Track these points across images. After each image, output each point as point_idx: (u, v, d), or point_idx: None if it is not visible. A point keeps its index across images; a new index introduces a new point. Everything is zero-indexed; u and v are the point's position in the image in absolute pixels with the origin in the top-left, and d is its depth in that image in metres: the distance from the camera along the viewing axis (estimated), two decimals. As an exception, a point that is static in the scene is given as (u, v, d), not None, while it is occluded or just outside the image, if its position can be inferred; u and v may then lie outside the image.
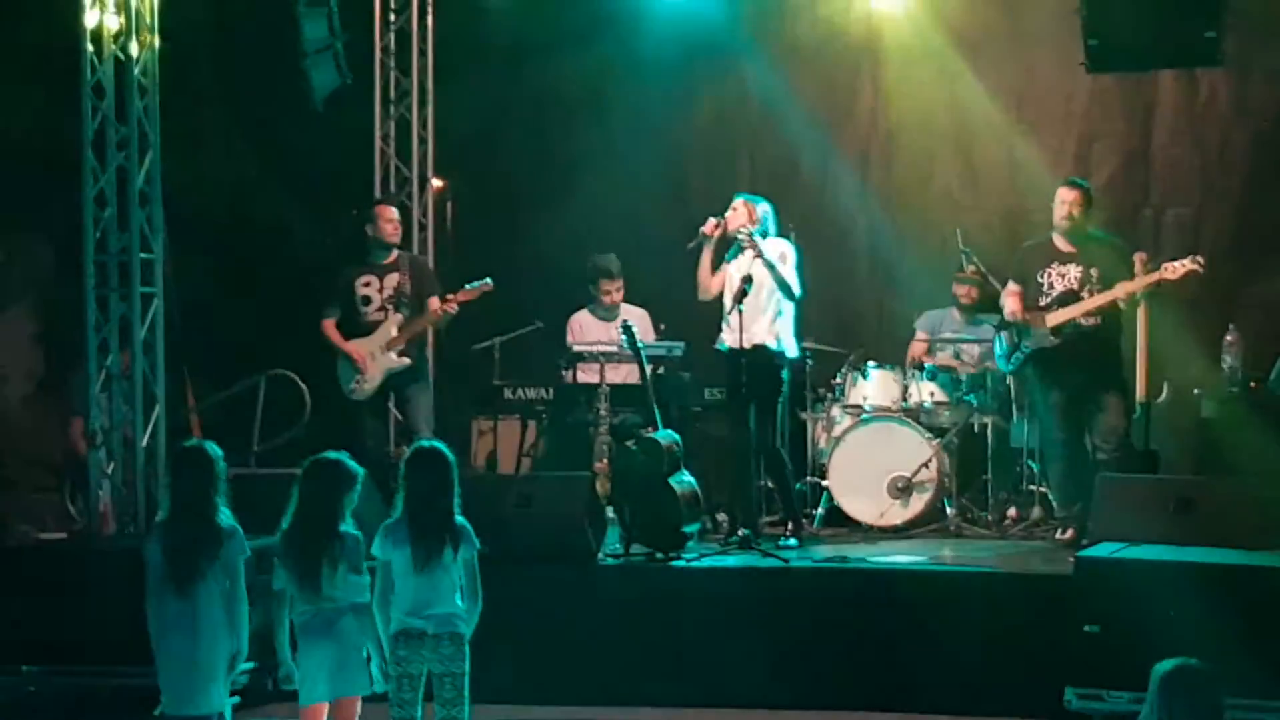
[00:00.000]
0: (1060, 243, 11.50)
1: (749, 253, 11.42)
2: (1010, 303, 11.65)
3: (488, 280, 12.24)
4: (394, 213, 12.60)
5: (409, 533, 7.56)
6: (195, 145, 14.66)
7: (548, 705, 10.02)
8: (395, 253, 12.44)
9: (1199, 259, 11.12)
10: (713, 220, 11.50)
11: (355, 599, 7.63)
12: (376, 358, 12.16)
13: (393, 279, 12.30)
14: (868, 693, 9.95)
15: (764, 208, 11.63)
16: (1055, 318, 11.32)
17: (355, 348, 12.20)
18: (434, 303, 12.27)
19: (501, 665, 9.41)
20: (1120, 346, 11.53)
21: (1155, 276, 11.13)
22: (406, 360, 12.22)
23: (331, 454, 7.87)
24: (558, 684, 10.15)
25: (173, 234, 12.19)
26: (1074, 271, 11.37)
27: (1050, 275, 11.44)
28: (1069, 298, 11.33)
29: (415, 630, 7.52)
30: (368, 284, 12.35)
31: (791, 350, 11.65)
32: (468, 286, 12.24)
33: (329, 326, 12.36)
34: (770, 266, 11.33)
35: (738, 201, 11.63)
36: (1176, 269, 11.07)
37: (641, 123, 14.81)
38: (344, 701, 7.70)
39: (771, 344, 11.44)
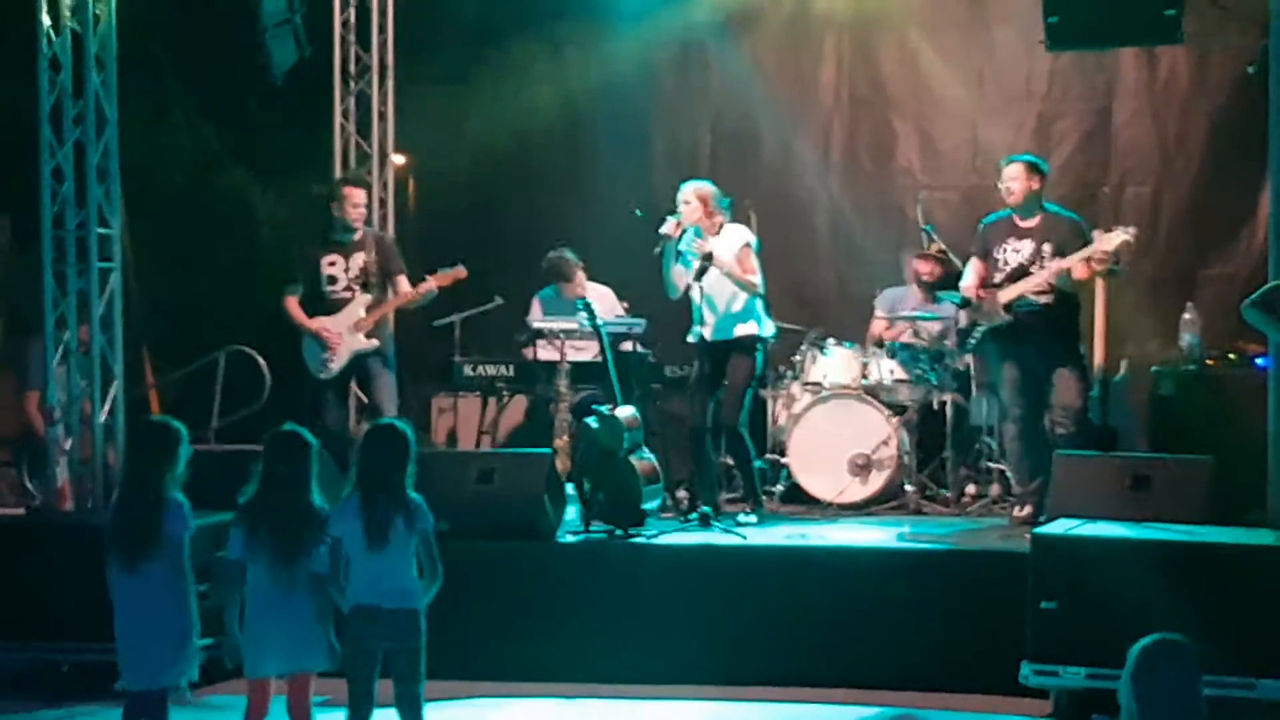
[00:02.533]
0: (1018, 218, 11.48)
1: (708, 239, 11.42)
2: (968, 279, 11.64)
3: (460, 267, 12.14)
4: (360, 196, 12.35)
5: (360, 509, 7.55)
6: (154, 120, 14.62)
7: (506, 681, 10.02)
8: (361, 231, 12.27)
9: (1131, 229, 11.06)
10: (671, 220, 11.44)
11: (317, 569, 7.61)
12: (344, 338, 12.03)
13: (359, 258, 12.10)
14: (826, 669, 9.95)
15: (714, 191, 11.60)
16: (1006, 294, 11.27)
17: (322, 326, 12.07)
18: (404, 283, 12.11)
19: (460, 641, 9.43)
20: (1077, 324, 11.54)
21: (1087, 251, 11.05)
22: (374, 342, 12.03)
23: (291, 425, 7.85)
24: (516, 661, 10.15)
25: (131, 209, 12.13)
26: (1027, 247, 11.29)
27: (1006, 250, 11.38)
28: (1019, 273, 11.32)
29: (370, 606, 7.49)
30: (333, 263, 12.13)
31: (768, 330, 11.66)
32: (441, 271, 12.13)
33: (291, 304, 12.15)
34: (728, 275, 11.35)
35: (688, 193, 11.54)
36: (1110, 239, 11.01)
37: (603, 98, 14.84)
38: (299, 677, 7.67)
39: (749, 331, 11.49)
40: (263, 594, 7.59)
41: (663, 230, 11.42)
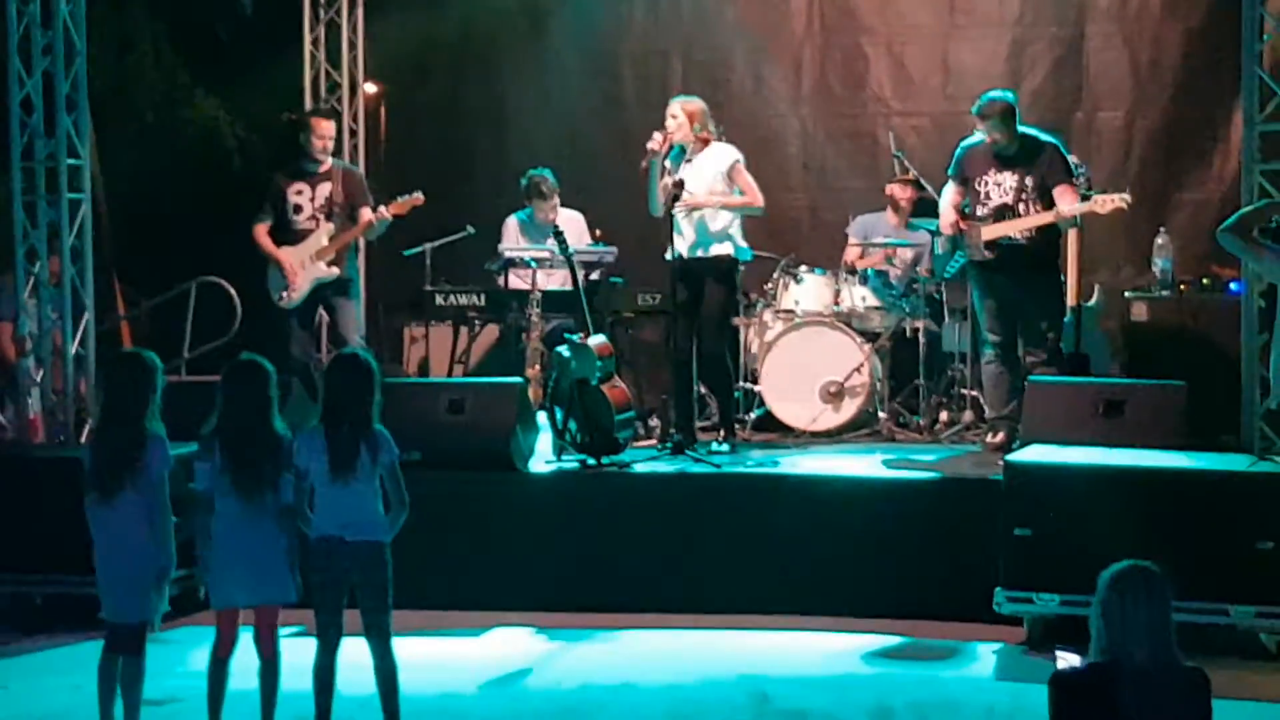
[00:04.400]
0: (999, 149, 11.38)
1: (693, 158, 11.40)
2: (946, 205, 11.52)
3: (418, 194, 12.10)
4: (328, 128, 12.34)
5: (325, 440, 7.52)
6: (123, 50, 14.52)
7: (479, 611, 10.02)
8: (328, 162, 12.28)
9: (1127, 197, 10.98)
10: (658, 135, 11.40)
11: (284, 500, 7.57)
12: (305, 266, 12.00)
13: (324, 188, 12.12)
14: (799, 597, 9.97)
15: (703, 108, 11.55)
16: (990, 233, 11.16)
17: (284, 255, 12.06)
18: (365, 213, 12.11)
19: (433, 572, 9.45)
20: (1057, 254, 11.53)
21: (1084, 207, 11.01)
22: (335, 270, 12.05)
23: (249, 355, 7.80)
24: (488, 591, 10.15)
25: (102, 140, 12.05)
26: (1010, 181, 11.14)
27: (987, 184, 11.23)
28: (1004, 212, 11.17)
29: (333, 538, 7.43)
30: (299, 192, 12.16)
31: (744, 254, 11.64)
32: (399, 199, 12.11)
33: (260, 232, 12.15)
34: (722, 207, 11.37)
35: (676, 108, 11.49)
36: (1105, 203, 10.93)
37: (575, 28, 14.77)
38: (266, 609, 7.63)
39: (729, 251, 11.46)
40: (229, 525, 7.51)
41: (649, 145, 11.37)
